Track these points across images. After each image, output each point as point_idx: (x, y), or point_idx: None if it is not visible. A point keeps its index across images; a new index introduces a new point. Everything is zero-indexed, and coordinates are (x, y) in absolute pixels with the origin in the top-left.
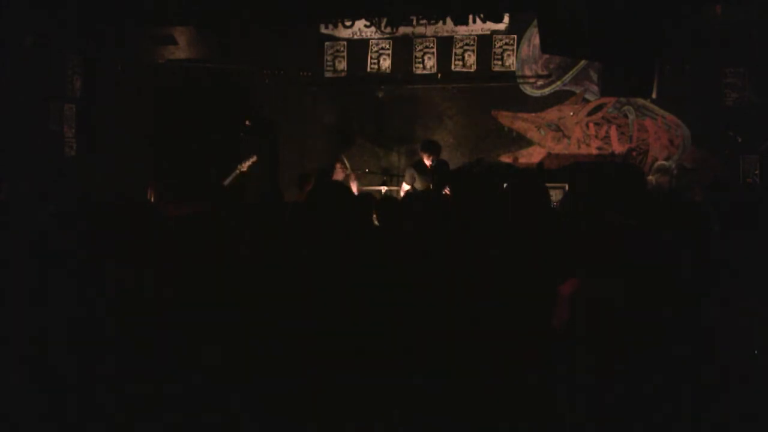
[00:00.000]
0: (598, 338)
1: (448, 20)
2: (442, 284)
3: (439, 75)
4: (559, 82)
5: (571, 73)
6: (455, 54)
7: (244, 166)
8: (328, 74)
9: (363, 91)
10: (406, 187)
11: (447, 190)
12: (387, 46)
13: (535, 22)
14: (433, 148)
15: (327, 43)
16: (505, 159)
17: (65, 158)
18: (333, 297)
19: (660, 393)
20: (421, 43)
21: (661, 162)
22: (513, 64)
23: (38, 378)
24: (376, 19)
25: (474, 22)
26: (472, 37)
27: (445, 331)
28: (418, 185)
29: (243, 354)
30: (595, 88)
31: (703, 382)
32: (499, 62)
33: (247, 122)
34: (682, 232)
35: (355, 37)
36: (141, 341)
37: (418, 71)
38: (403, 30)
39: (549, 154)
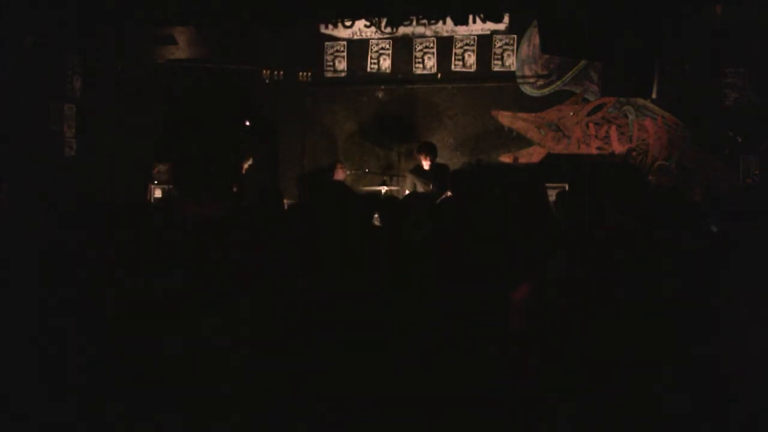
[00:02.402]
0: (595, 339)
1: (448, 20)
2: (442, 284)
3: (439, 75)
4: (559, 82)
5: (571, 73)
6: (455, 54)
7: (243, 168)
8: (328, 74)
9: (363, 91)
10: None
11: (449, 193)
12: (387, 46)
13: (535, 22)
14: (430, 149)
15: (327, 43)
16: (505, 159)
17: (65, 158)
18: (332, 297)
19: (658, 393)
20: (421, 43)
21: (661, 162)
22: (513, 64)
23: (40, 378)
24: (376, 19)
25: (474, 22)
26: (472, 37)
27: (445, 332)
28: (419, 189)
29: (243, 354)
30: (595, 88)
31: (703, 383)
32: (499, 62)
33: (247, 122)
34: (682, 232)
35: (355, 37)
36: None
37: (418, 71)
38: (403, 30)
39: (549, 154)
